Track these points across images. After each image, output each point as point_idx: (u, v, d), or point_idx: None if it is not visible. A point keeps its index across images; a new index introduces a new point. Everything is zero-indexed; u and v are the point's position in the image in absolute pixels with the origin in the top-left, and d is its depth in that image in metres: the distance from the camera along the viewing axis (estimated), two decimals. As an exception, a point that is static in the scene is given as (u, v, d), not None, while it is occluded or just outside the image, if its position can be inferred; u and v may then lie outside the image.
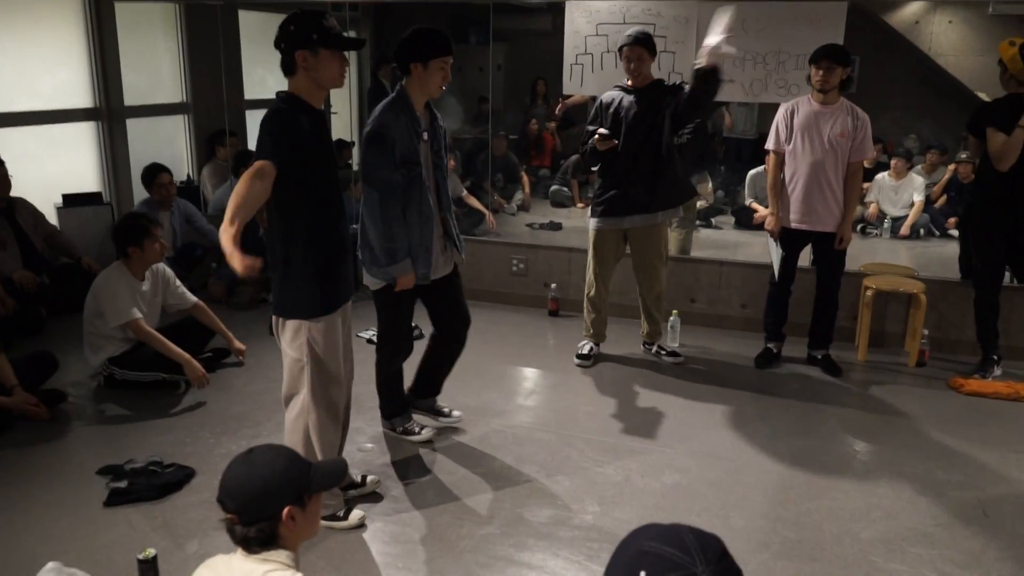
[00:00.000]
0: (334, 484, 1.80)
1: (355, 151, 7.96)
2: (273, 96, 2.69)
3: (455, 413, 3.76)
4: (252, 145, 6.75)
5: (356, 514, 2.96)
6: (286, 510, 1.63)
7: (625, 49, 4.16)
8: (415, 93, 3.16)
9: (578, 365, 4.52)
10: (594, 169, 4.45)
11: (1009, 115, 4.10)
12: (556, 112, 7.63)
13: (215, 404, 3.96)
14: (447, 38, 3.16)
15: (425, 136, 3.21)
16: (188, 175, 6.87)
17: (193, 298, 4.33)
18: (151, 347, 3.98)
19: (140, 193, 5.82)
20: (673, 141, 4.20)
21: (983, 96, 7.09)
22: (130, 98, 6.27)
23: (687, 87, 4.00)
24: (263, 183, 2.50)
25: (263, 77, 7.36)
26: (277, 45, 2.62)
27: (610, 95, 4.29)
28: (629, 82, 4.24)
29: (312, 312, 2.72)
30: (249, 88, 7.00)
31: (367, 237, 3.21)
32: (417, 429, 3.61)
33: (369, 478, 3.18)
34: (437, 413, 3.75)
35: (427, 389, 3.74)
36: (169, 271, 4.30)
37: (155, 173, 5.55)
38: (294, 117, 2.59)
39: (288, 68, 2.62)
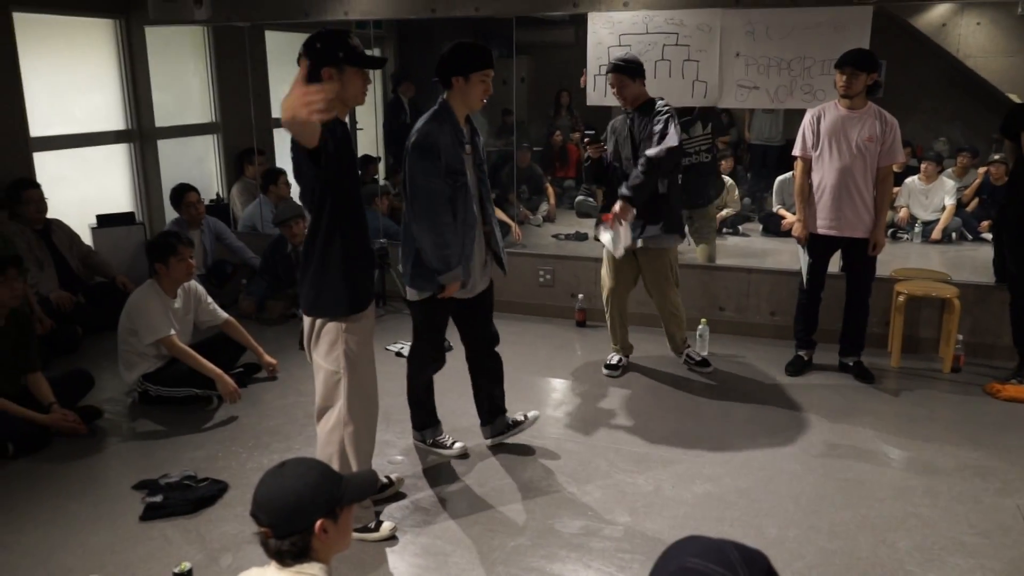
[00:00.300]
0: (366, 496, 1.81)
1: (381, 166, 8.03)
2: None
3: (530, 414, 3.72)
4: (280, 163, 6.89)
5: (387, 526, 2.98)
6: (319, 523, 1.64)
7: (609, 76, 4.22)
8: (457, 106, 3.20)
9: (607, 375, 4.51)
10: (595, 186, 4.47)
11: None
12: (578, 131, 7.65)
13: (247, 419, 4.00)
14: (488, 52, 3.19)
15: (468, 148, 3.24)
16: (217, 193, 6.97)
17: (224, 314, 4.38)
18: (184, 363, 4.04)
19: (172, 212, 5.92)
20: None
21: (1014, 98, 7.00)
22: (161, 119, 6.39)
23: (659, 126, 4.01)
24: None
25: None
26: (301, 62, 2.63)
27: (619, 116, 4.32)
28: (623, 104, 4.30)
29: (348, 309, 2.75)
30: (276, 107, 7.09)
31: (410, 249, 3.24)
32: (449, 442, 3.61)
33: (394, 476, 3.28)
34: (514, 425, 3.68)
35: (492, 412, 3.67)
36: (200, 288, 4.37)
37: (182, 193, 5.64)
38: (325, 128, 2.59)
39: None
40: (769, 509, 3.14)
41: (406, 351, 4.83)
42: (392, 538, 2.96)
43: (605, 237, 4.16)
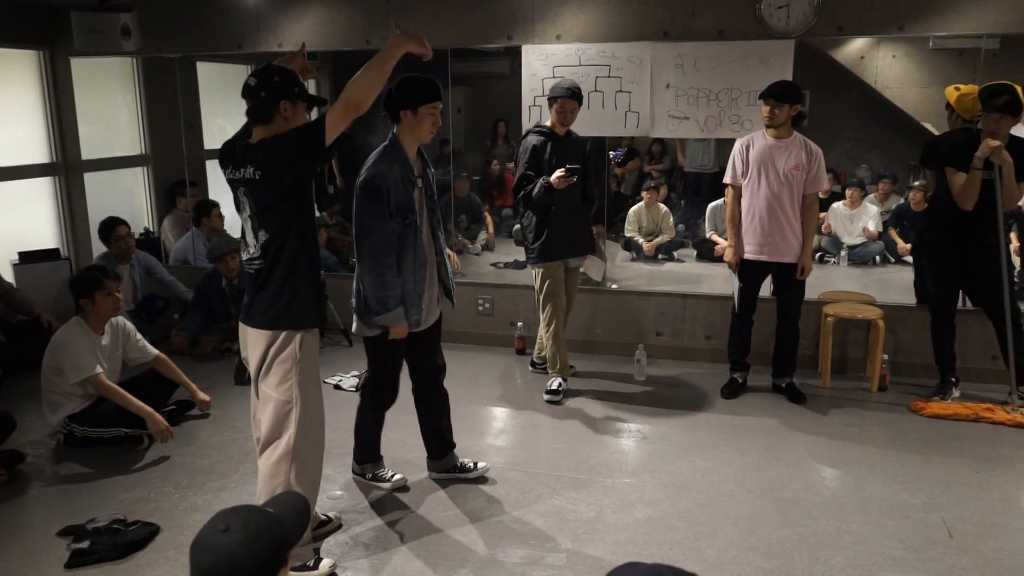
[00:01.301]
0: (307, 525, 1.76)
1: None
2: None
3: (480, 465, 3.67)
4: (212, 195, 6.78)
5: (326, 563, 2.92)
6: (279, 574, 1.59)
7: (560, 101, 4.34)
8: (407, 140, 3.20)
9: (549, 401, 4.53)
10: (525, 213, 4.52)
11: (965, 152, 4.23)
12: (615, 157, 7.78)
13: (180, 458, 3.89)
14: (435, 84, 3.20)
15: (419, 183, 3.24)
16: (146, 228, 6.81)
17: (154, 351, 4.27)
18: (112, 402, 3.91)
19: (99, 247, 5.76)
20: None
21: (928, 126, 7.32)
22: (88, 152, 6.24)
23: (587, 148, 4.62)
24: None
25: (222, 127, 7.37)
26: (255, 92, 2.71)
27: (538, 139, 4.42)
28: (550, 125, 4.43)
29: (315, 320, 2.81)
30: (208, 138, 6.99)
31: (360, 285, 3.22)
32: (388, 475, 3.57)
33: (331, 514, 3.23)
34: (462, 470, 3.64)
35: (440, 448, 3.64)
36: (129, 325, 4.25)
37: (112, 227, 5.50)
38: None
39: (267, 115, 2.73)
40: (708, 531, 3.18)
41: (345, 384, 4.81)
42: (338, 526, 3.01)
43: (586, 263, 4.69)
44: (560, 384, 4.61)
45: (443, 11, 5.28)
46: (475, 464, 3.66)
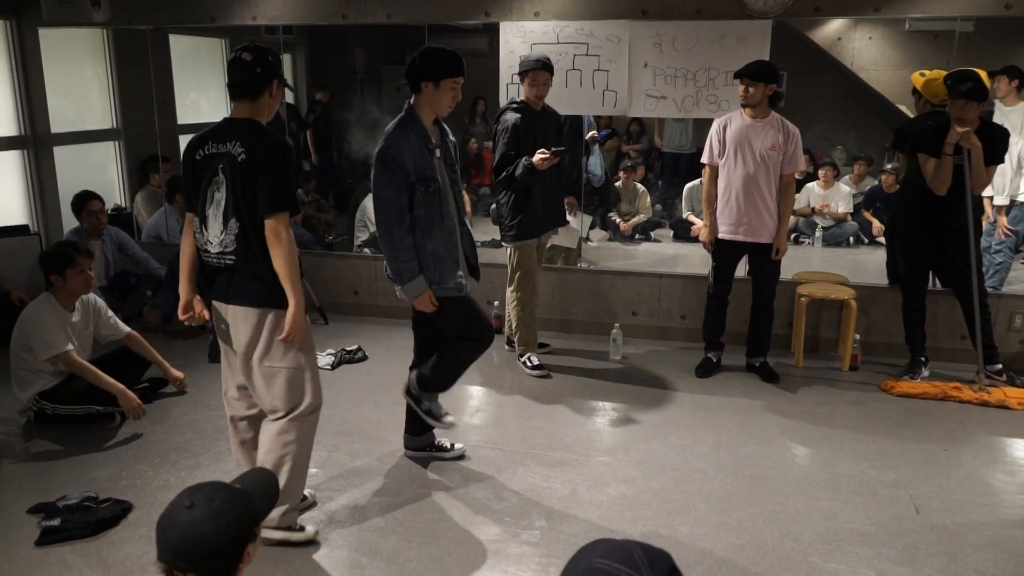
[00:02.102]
0: (274, 503, 1.76)
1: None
2: (208, 120, 2.81)
3: (457, 445, 3.66)
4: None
5: (311, 529, 2.99)
6: (246, 552, 1.59)
7: (532, 74, 4.31)
8: (424, 111, 3.18)
9: (537, 376, 4.56)
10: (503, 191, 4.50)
11: (935, 137, 4.26)
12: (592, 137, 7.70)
13: (152, 435, 3.86)
14: (460, 58, 3.18)
15: (438, 152, 3.21)
16: (116, 204, 6.70)
17: (126, 328, 4.22)
18: (84, 379, 3.87)
19: (70, 222, 5.67)
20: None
21: (903, 108, 7.37)
22: (57, 125, 6.11)
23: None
24: None
25: (196, 102, 7.26)
26: (250, 68, 2.74)
27: (516, 116, 4.36)
28: (525, 98, 4.39)
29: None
30: (182, 113, 6.88)
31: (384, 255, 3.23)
32: (441, 413, 3.48)
33: (307, 492, 3.20)
34: (439, 449, 3.64)
35: (423, 424, 3.57)
36: (100, 301, 4.19)
37: (85, 201, 5.41)
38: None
39: (257, 92, 2.77)
40: (681, 508, 3.22)
41: (321, 361, 4.78)
42: (314, 542, 2.95)
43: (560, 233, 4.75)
44: (538, 359, 4.64)
45: (420, -14, 5.22)
46: (452, 444, 3.66)
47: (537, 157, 4.19)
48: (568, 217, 4.94)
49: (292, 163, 2.77)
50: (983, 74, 4.21)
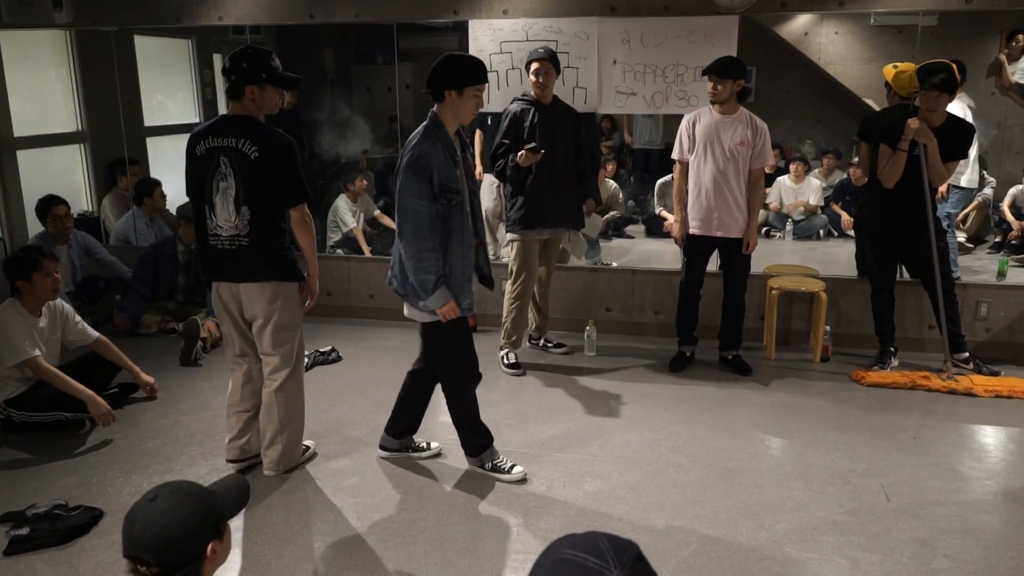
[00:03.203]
0: (244, 504, 1.76)
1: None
2: (177, 122, 3.05)
3: (433, 445, 3.65)
4: (154, 172, 6.61)
5: (311, 449, 3.59)
6: (209, 547, 1.58)
7: (535, 64, 4.31)
8: (448, 120, 3.14)
9: (513, 375, 4.56)
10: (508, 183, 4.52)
11: (901, 129, 4.31)
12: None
13: (124, 441, 3.81)
14: (483, 65, 3.17)
15: (459, 163, 3.19)
16: (84, 210, 6.60)
17: (95, 333, 4.16)
18: (52, 386, 3.81)
19: (36, 227, 5.58)
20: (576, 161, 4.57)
21: (870, 102, 7.48)
22: (20, 129, 6.01)
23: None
24: None
25: (163, 103, 7.17)
26: (227, 74, 3.13)
27: (519, 107, 4.41)
28: (534, 95, 4.40)
29: (301, 276, 3.33)
30: (149, 115, 6.80)
31: (405, 268, 3.15)
32: (507, 466, 3.41)
33: (309, 443, 3.66)
34: (416, 450, 3.62)
35: (407, 429, 3.59)
36: (68, 307, 4.13)
37: (50, 205, 5.32)
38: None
39: (237, 95, 3.15)
40: (656, 502, 3.24)
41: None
42: (314, 454, 3.57)
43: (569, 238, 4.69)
44: (516, 357, 4.65)
45: (389, -16, 5.20)
46: (428, 444, 3.66)
47: (519, 154, 4.23)
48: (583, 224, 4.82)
49: (299, 157, 3.19)
50: (955, 67, 4.27)
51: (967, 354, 4.56)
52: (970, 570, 2.79)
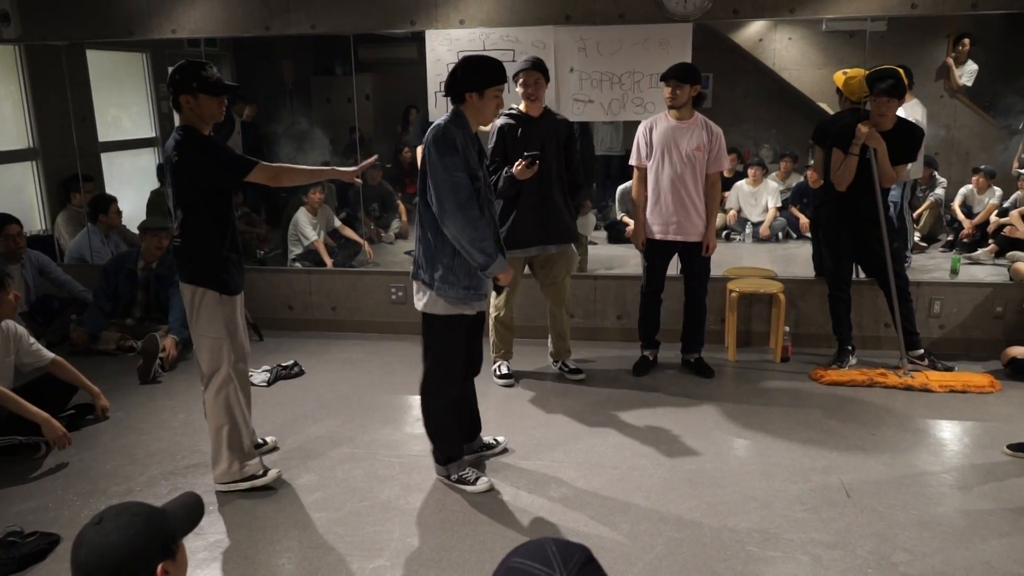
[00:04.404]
0: (196, 524, 1.73)
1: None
2: (132, 137, 3.10)
3: (499, 439, 3.74)
4: (109, 189, 6.50)
5: (273, 472, 3.43)
6: (159, 568, 1.56)
7: (523, 75, 4.23)
8: (469, 120, 3.16)
9: (504, 385, 4.57)
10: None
11: (852, 133, 4.40)
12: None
13: (81, 464, 3.73)
14: (501, 65, 3.16)
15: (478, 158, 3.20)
16: (39, 228, 6.48)
17: (50, 354, 4.07)
18: (5, 409, 3.72)
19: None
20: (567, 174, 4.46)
21: (824, 106, 7.62)
22: (-31, 146, 5.89)
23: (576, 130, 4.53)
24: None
25: (117, 118, 7.07)
26: (168, 87, 3.25)
27: (505, 122, 4.29)
28: (522, 108, 4.31)
29: (218, 287, 3.27)
30: (103, 130, 6.69)
31: (432, 252, 3.12)
32: (472, 478, 3.40)
33: (269, 439, 3.78)
34: (487, 447, 3.68)
35: (472, 430, 3.63)
36: (21, 328, 4.04)
37: (2, 224, 5.22)
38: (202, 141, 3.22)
39: (176, 107, 3.23)
40: (621, 506, 3.25)
41: (256, 379, 4.69)
42: (274, 484, 3.40)
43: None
44: (507, 368, 4.67)
45: (344, -5, 5.19)
46: (495, 440, 3.73)
47: (515, 167, 4.06)
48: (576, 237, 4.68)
49: (215, 146, 3.22)
50: (903, 72, 4.38)
51: (922, 351, 4.65)
52: (928, 563, 2.84)
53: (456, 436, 3.47)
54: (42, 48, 5.99)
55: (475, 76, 3.11)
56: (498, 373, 4.64)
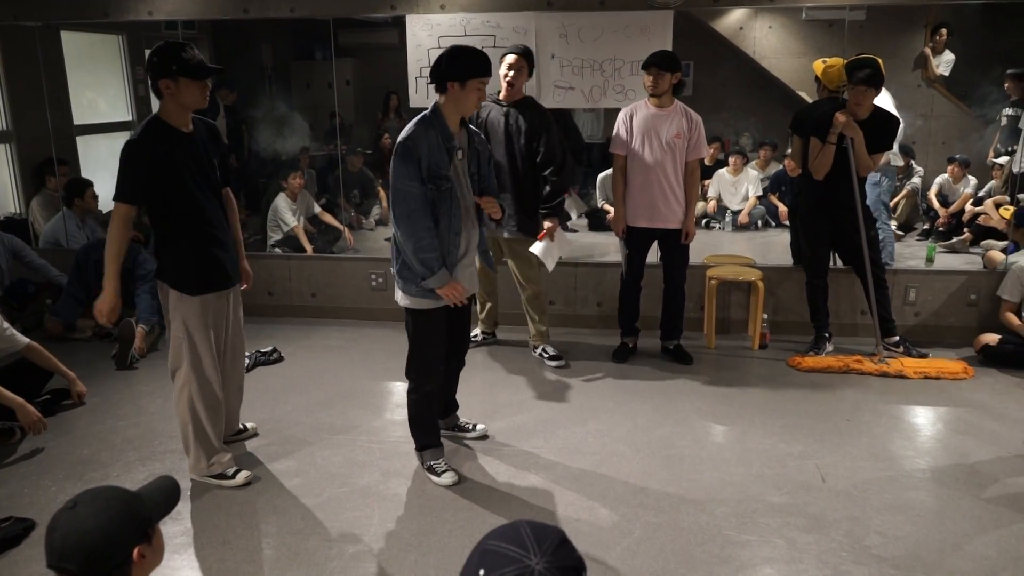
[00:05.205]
0: (172, 507, 1.73)
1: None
2: (108, 120, 3.06)
3: (479, 427, 3.76)
4: (85, 172, 6.42)
5: (243, 474, 3.34)
6: (136, 551, 1.55)
7: (511, 58, 4.28)
8: (449, 111, 3.16)
9: (557, 367, 4.62)
10: None
11: (830, 122, 4.44)
12: None
13: (56, 449, 3.70)
14: (487, 59, 3.17)
15: (459, 155, 3.19)
16: (12, 211, 6.39)
17: (24, 339, 4.02)
18: (-21, 395, 3.68)
19: (-41, 230, 5.37)
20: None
21: (803, 95, 7.68)
22: (-59, 128, 5.79)
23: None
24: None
25: (93, 101, 6.97)
26: (146, 74, 3.31)
27: (485, 106, 4.35)
28: (502, 95, 4.36)
29: (187, 288, 3.21)
30: (78, 113, 6.60)
31: (401, 246, 3.17)
32: (440, 469, 3.39)
33: (249, 424, 3.78)
34: (461, 429, 3.75)
35: (445, 409, 3.72)
36: (-5, 312, 3.99)
37: (-26, 208, 5.14)
38: (151, 146, 3.07)
39: (157, 94, 3.10)
40: (601, 492, 3.28)
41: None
42: (247, 484, 3.32)
43: (538, 249, 4.36)
44: (553, 349, 4.73)
45: (324, -21, 5.13)
46: (475, 426, 3.75)
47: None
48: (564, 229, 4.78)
49: (134, 152, 3.07)
50: (880, 62, 4.41)
51: (897, 338, 4.71)
52: (901, 545, 2.89)
53: (434, 426, 3.50)
54: (15, 29, 5.88)
55: (459, 66, 3.13)
56: (546, 355, 4.70)
